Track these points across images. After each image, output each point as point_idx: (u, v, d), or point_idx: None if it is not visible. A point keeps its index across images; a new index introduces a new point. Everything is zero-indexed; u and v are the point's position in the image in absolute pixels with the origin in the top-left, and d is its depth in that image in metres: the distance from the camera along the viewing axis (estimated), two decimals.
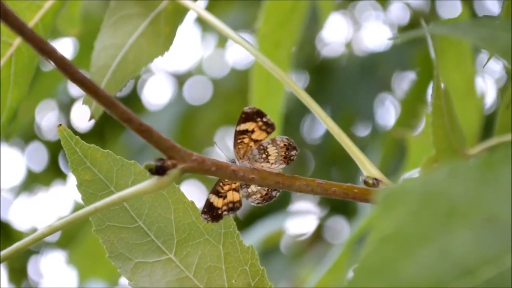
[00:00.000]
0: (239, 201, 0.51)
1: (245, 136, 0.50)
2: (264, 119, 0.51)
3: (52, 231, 0.43)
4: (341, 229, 1.70)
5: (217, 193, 0.50)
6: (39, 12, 0.58)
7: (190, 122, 1.72)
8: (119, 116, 0.41)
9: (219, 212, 0.50)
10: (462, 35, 0.35)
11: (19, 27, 0.39)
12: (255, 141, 0.51)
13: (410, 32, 0.37)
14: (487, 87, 1.34)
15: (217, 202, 0.50)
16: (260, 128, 0.51)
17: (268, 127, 0.51)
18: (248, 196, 0.51)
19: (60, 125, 0.47)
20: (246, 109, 0.50)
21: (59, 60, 0.39)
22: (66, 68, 0.39)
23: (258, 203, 0.51)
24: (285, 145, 0.51)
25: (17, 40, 0.57)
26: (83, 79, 0.39)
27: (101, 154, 0.48)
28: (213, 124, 1.79)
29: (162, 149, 0.43)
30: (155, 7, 0.60)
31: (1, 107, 0.58)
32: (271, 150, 0.51)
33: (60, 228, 0.43)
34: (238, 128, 0.50)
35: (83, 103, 0.57)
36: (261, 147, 0.51)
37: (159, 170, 0.43)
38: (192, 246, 0.48)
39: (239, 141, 0.50)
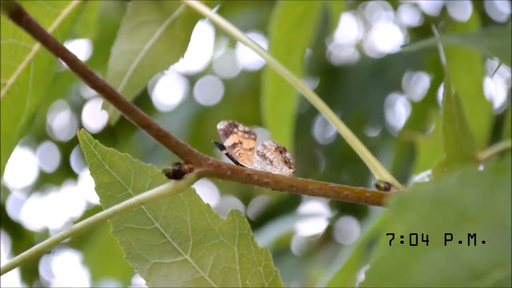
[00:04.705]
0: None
1: (238, 147, 0.52)
2: (241, 128, 0.52)
3: (71, 234, 0.44)
4: (352, 230, 1.70)
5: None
6: (58, 18, 0.59)
7: (201, 122, 1.72)
8: (138, 122, 0.42)
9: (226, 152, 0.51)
10: (473, 45, 0.35)
11: (41, 36, 0.40)
12: (250, 149, 0.52)
13: (421, 41, 0.38)
14: (497, 87, 1.34)
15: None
16: (244, 137, 0.52)
17: (250, 134, 0.52)
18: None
19: (80, 129, 0.48)
20: (219, 126, 0.52)
21: (80, 68, 0.40)
22: (87, 76, 0.40)
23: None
24: (276, 148, 0.52)
25: (36, 46, 0.58)
26: (103, 86, 0.41)
27: (119, 157, 0.49)
28: None
29: (179, 153, 0.44)
30: (171, 13, 0.61)
31: (20, 112, 0.59)
32: (269, 154, 0.51)
33: (80, 231, 0.44)
34: (226, 145, 0.52)
35: (101, 108, 0.58)
36: (259, 154, 0.51)
37: (176, 174, 0.44)
38: (208, 247, 0.49)
39: (237, 153, 0.51)
